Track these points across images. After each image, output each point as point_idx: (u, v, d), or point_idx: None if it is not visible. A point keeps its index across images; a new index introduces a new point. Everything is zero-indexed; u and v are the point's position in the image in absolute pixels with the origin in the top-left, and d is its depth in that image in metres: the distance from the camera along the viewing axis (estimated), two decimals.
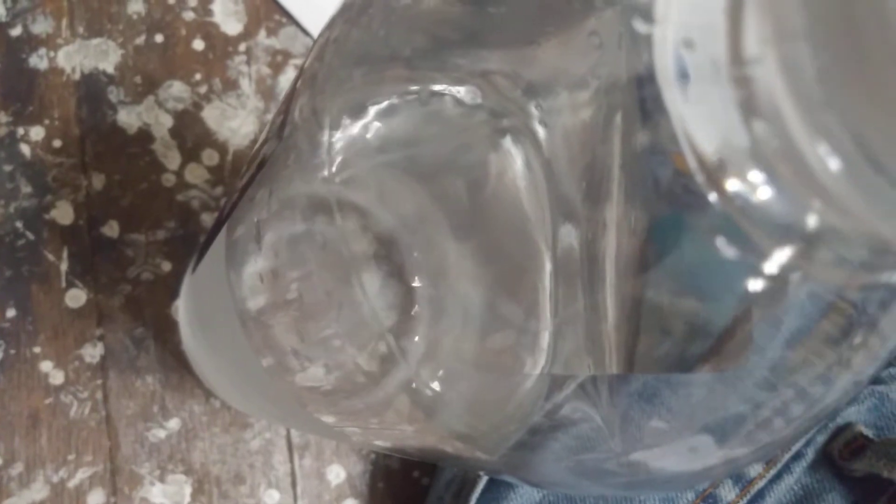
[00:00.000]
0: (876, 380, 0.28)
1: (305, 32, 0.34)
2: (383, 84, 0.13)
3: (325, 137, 0.12)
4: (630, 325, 0.13)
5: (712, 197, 0.08)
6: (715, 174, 0.08)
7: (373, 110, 0.13)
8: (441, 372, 0.15)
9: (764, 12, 0.07)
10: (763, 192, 0.08)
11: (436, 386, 0.15)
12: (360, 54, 0.13)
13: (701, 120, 0.08)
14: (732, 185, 0.08)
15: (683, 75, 0.08)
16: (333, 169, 0.13)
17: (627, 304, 0.13)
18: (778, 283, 0.09)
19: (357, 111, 0.13)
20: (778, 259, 0.09)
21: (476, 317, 0.15)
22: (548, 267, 0.15)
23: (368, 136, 0.13)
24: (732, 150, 0.08)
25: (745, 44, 0.07)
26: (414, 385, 0.15)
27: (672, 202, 0.11)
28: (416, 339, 0.15)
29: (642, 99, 0.12)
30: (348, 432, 0.19)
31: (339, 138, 0.13)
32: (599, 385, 0.14)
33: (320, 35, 0.13)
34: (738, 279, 0.10)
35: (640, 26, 0.09)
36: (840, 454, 0.27)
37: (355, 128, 0.13)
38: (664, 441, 0.14)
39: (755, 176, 0.08)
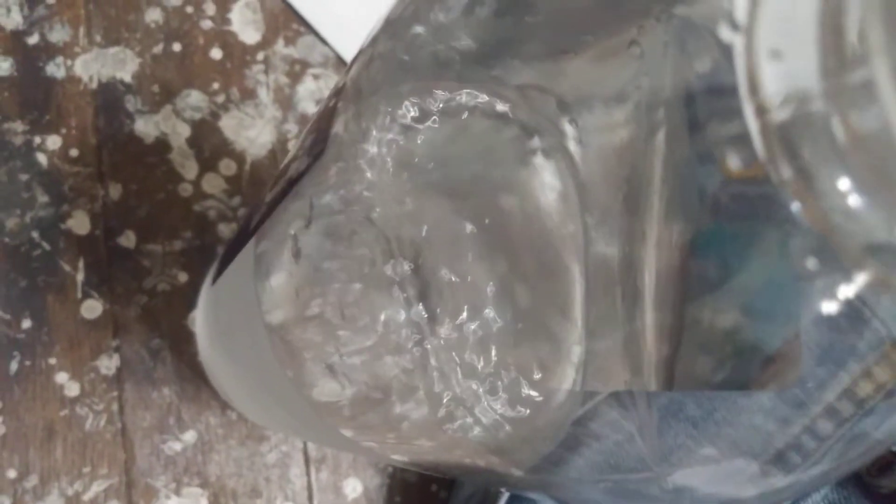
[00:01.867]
0: None
1: (323, 42, 0.33)
2: (428, 95, 0.13)
3: (369, 148, 0.12)
4: (672, 343, 0.13)
5: (795, 207, 0.08)
6: (798, 184, 0.08)
7: (417, 124, 0.13)
8: (472, 384, 0.15)
9: (875, 17, 0.06)
10: (854, 202, 0.07)
11: (465, 400, 0.15)
12: (407, 67, 0.12)
13: (788, 129, 0.08)
14: (820, 195, 0.08)
15: (770, 85, 0.08)
16: (374, 180, 0.13)
17: (668, 319, 0.13)
18: (856, 305, 0.09)
19: (402, 125, 0.13)
20: (861, 280, 0.08)
21: (506, 330, 0.15)
22: (579, 281, 0.14)
23: (408, 148, 0.13)
24: (820, 158, 0.07)
25: (846, 51, 0.06)
26: (445, 396, 0.15)
27: (721, 214, 0.11)
28: (448, 350, 0.15)
29: (692, 108, 0.11)
30: (367, 446, 0.18)
31: (382, 150, 0.13)
32: (637, 397, 0.14)
33: (361, 52, 0.13)
34: (809, 300, 0.09)
35: (725, 34, 0.08)
36: (868, 471, 0.27)
37: (398, 139, 0.13)
38: (706, 463, 0.14)
39: (844, 184, 0.07)
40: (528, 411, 0.15)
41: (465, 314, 0.15)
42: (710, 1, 0.10)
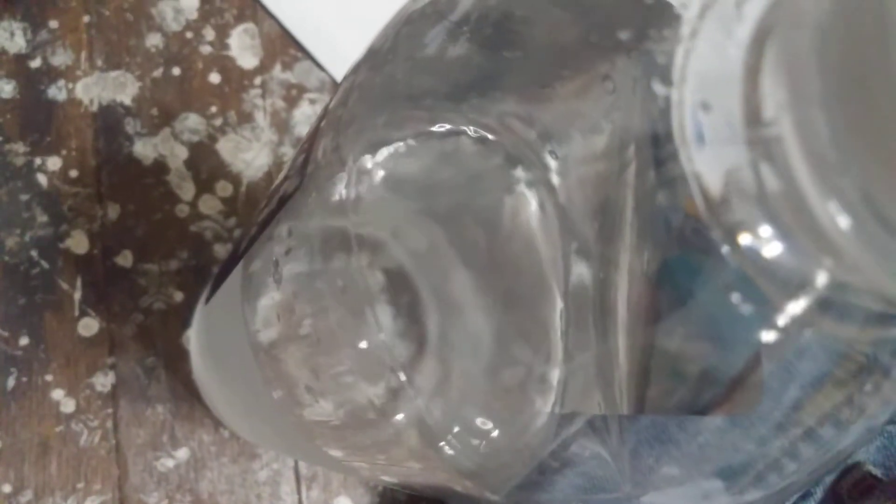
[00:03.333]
0: None
1: (320, 67, 0.34)
2: (404, 127, 0.13)
3: (346, 176, 0.13)
4: (641, 367, 0.13)
5: (724, 249, 0.09)
6: (727, 227, 0.08)
7: (393, 151, 0.13)
8: (451, 407, 0.15)
9: (780, 78, 0.07)
10: (774, 247, 0.08)
11: (446, 421, 0.15)
12: (383, 99, 0.13)
13: (714, 177, 0.08)
14: (744, 238, 0.08)
15: (699, 135, 0.08)
16: (352, 206, 0.13)
17: (639, 345, 0.13)
18: (788, 334, 0.09)
19: (378, 152, 0.13)
20: (789, 312, 0.09)
21: (487, 354, 0.15)
22: (559, 306, 0.15)
23: (387, 175, 0.13)
24: (745, 205, 0.08)
25: (761, 107, 0.07)
26: (424, 420, 0.15)
27: (683, 246, 0.11)
28: (427, 373, 0.15)
29: (656, 148, 0.12)
30: (356, 467, 0.19)
31: (360, 178, 0.13)
32: (609, 422, 0.14)
33: (345, 79, 0.14)
34: (748, 329, 0.10)
35: (658, 88, 0.09)
36: (849, 493, 0.27)
37: (376, 168, 0.13)
38: (675, 483, 0.14)
39: (766, 230, 0.08)
40: (507, 434, 0.16)
41: (446, 336, 0.15)
42: (670, 42, 0.11)
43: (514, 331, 0.15)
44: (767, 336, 0.09)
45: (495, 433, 0.16)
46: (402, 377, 0.15)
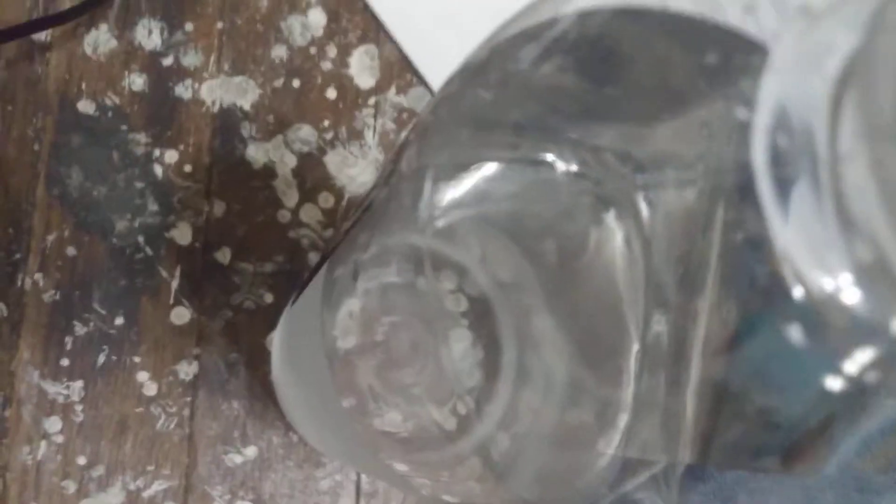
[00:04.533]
0: None
1: (433, 95, 0.35)
2: (489, 146, 0.13)
3: (428, 190, 0.13)
4: (709, 417, 0.13)
5: (797, 293, 0.08)
6: (802, 271, 0.08)
7: (477, 170, 0.13)
8: (517, 439, 0.15)
9: (860, 109, 0.07)
10: (850, 295, 0.08)
11: (510, 452, 0.15)
12: (471, 114, 0.13)
13: (794, 214, 0.08)
14: (820, 284, 0.08)
15: (778, 167, 0.08)
16: (431, 222, 0.13)
17: (709, 395, 0.13)
18: (858, 385, 0.09)
19: (461, 168, 0.13)
20: (859, 361, 0.09)
21: (558, 389, 0.15)
22: (635, 349, 0.15)
23: (471, 194, 0.14)
24: (821, 248, 0.08)
25: (840, 139, 0.07)
26: (488, 448, 0.15)
27: (765, 299, 0.11)
28: (497, 403, 0.15)
29: (745, 197, 0.12)
30: (418, 484, 0.19)
31: (442, 193, 0.13)
32: (670, 478, 0.14)
33: (439, 91, 0.14)
34: (817, 378, 0.10)
35: (740, 113, 0.09)
36: None
37: (458, 184, 0.13)
38: None
39: (844, 278, 0.08)
40: (568, 471, 0.16)
41: (520, 367, 0.15)
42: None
43: (589, 368, 0.15)
44: (833, 383, 0.09)
45: (557, 468, 0.16)
46: (471, 404, 0.15)
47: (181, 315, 0.31)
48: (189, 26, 0.33)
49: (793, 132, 0.08)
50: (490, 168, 0.14)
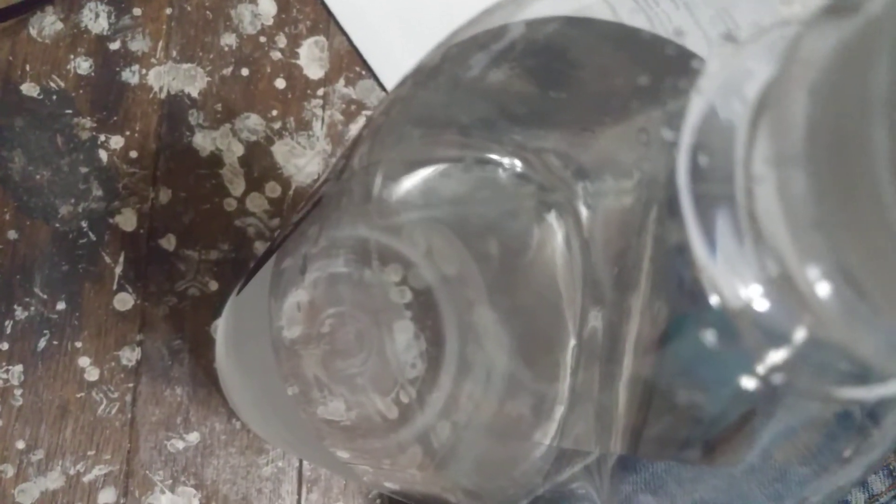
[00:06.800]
0: None
1: (382, 87, 0.35)
2: (438, 146, 0.14)
3: (378, 186, 0.13)
4: (639, 410, 0.14)
5: (713, 300, 0.09)
6: (717, 281, 0.09)
7: (426, 168, 0.14)
8: (457, 429, 0.16)
9: (771, 134, 0.07)
10: (760, 304, 0.09)
11: (450, 441, 0.15)
12: (422, 115, 0.14)
13: (711, 229, 0.09)
14: (734, 293, 0.09)
15: (699, 183, 0.09)
16: (380, 217, 0.14)
17: (639, 389, 0.14)
18: (770, 385, 0.10)
19: (411, 167, 0.14)
20: (768, 363, 0.09)
21: (498, 381, 0.16)
22: (572, 343, 0.15)
23: (419, 191, 0.14)
24: (735, 261, 0.08)
25: (753, 162, 0.08)
26: (429, 437, 0.15)
27: (691, 302, 0.12)
28: (438, 394, 0.15)
29: (673, 201, 0.12)
30: (360, 471, 0.19)
31: (391, 189, 0.14)
32: (603, 469, 0.15)
33: (392, 91, 0.14)
34: (735, 378, 0.10)
35: (666, 134, 0.09)
36: None
37: (407, 181, 0.14)
38: None
39: (755, 289, 0.09)
40: (506, 461, 0.16)
41: (461, 358, 0.15)
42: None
43: (527, 361, 0.16)
44: (747, 383, 0.10)
45: (495, 457, 0.16)
46: (414, 394, 0.15)
47: (124, 301, 0.31)
48: (137, 11, 0.33)
49: (713, 152, 0.09)
50: (438, 167, 0.14)
